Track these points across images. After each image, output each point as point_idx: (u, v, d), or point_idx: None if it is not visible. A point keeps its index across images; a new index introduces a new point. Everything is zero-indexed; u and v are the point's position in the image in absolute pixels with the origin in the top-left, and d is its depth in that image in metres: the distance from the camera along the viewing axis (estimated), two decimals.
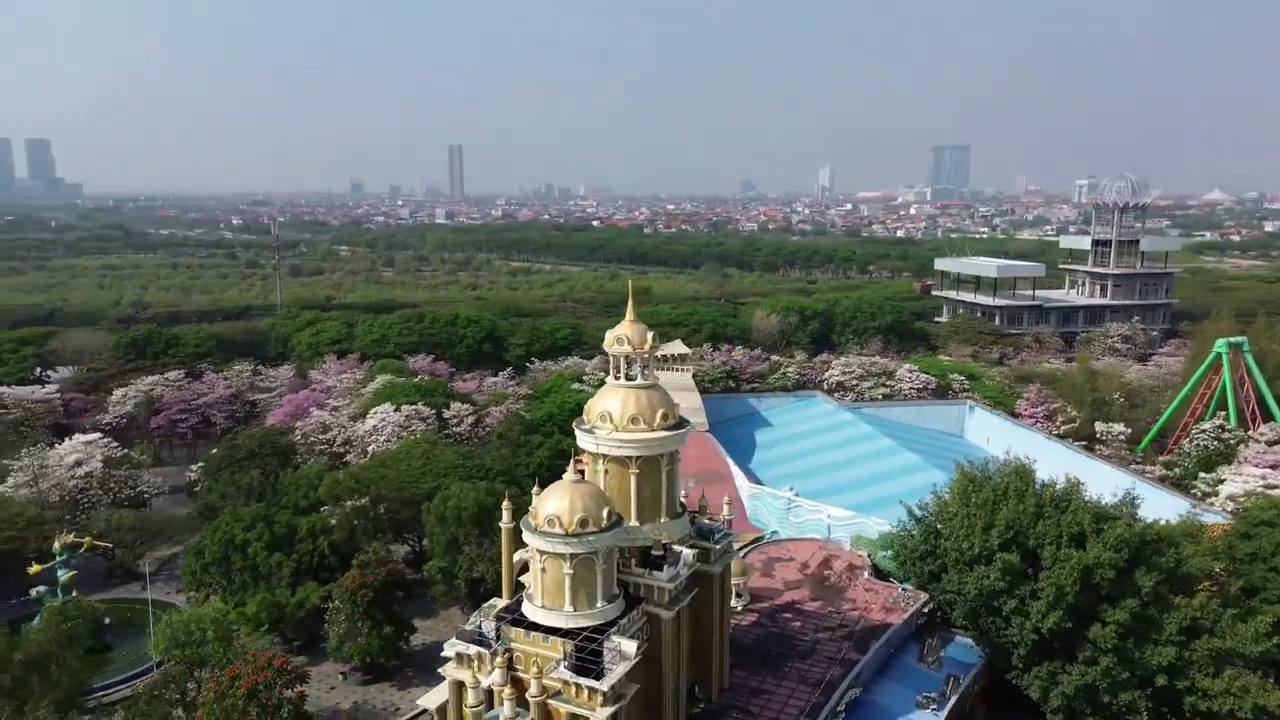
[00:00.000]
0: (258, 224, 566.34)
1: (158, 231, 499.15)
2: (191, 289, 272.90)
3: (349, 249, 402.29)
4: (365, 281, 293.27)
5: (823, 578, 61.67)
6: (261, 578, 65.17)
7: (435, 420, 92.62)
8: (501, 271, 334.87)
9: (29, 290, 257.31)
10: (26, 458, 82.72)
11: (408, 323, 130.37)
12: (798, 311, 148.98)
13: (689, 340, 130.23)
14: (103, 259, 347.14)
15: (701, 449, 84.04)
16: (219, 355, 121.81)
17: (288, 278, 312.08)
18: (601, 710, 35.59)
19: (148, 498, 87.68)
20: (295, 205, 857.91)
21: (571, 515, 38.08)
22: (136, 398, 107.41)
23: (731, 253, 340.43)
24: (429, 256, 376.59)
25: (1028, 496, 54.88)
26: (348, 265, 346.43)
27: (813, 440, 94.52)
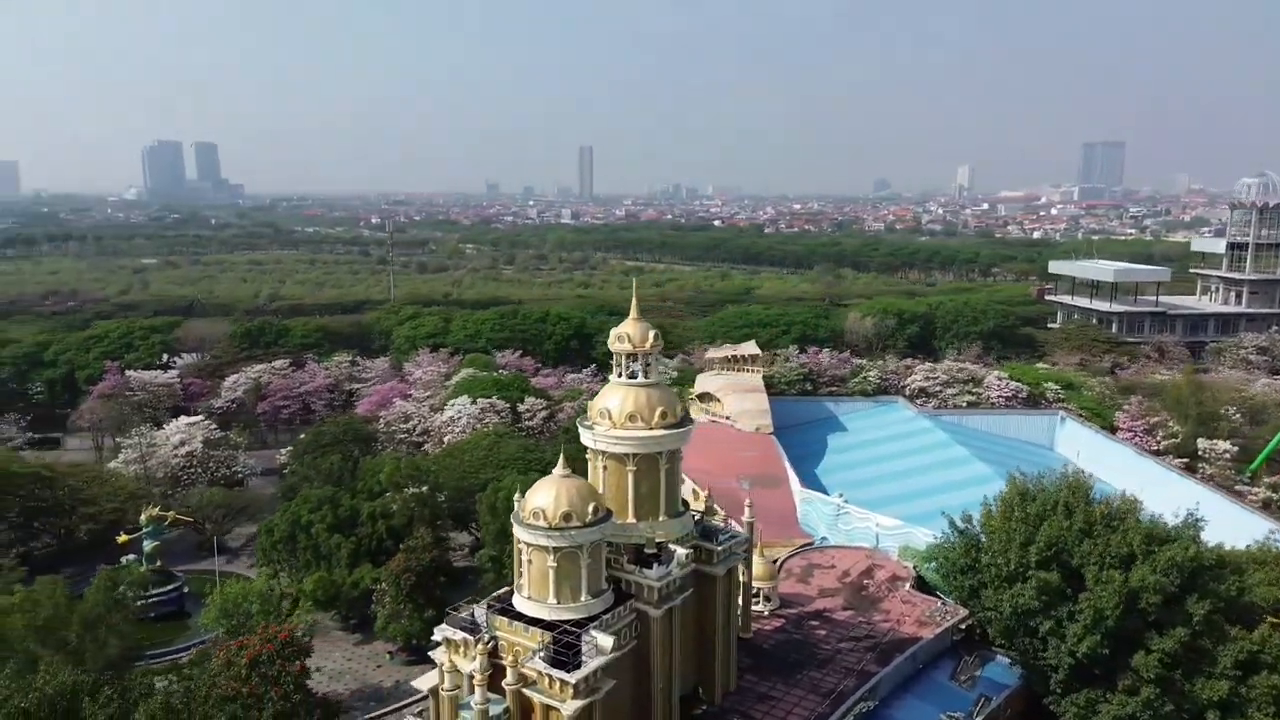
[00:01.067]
0: (395, 223, 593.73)
1: (303, 229, 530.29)
2: (325, 283, 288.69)
3: (474, 247, 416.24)
4: (484, 279, 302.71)
5: (860, 587, 60.12)
6: (323, 557, 68.83)
7: (510, 414, 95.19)
8: (615, 270, 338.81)
9: (181, 283, 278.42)
10: (136, 437, 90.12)
11: (501, 319, 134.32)
12: (895, 314, 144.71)
13: (776, 342, 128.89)
14: (250, 255, 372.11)
15: (762, 451, 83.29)
16: (325, 346, 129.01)
17: (414, 274, 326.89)
18: (571, 703, 36.11)
19: (242, 477, 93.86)
20: (432, 205, 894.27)
21: (556, 509, 38.77)
22: (246, 384, 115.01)
23: (848, 253, 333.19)
24: (548, 255, 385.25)
25: (1077, 512, 51.97)
26: (471, 263, 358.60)
27: (885, 447, 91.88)
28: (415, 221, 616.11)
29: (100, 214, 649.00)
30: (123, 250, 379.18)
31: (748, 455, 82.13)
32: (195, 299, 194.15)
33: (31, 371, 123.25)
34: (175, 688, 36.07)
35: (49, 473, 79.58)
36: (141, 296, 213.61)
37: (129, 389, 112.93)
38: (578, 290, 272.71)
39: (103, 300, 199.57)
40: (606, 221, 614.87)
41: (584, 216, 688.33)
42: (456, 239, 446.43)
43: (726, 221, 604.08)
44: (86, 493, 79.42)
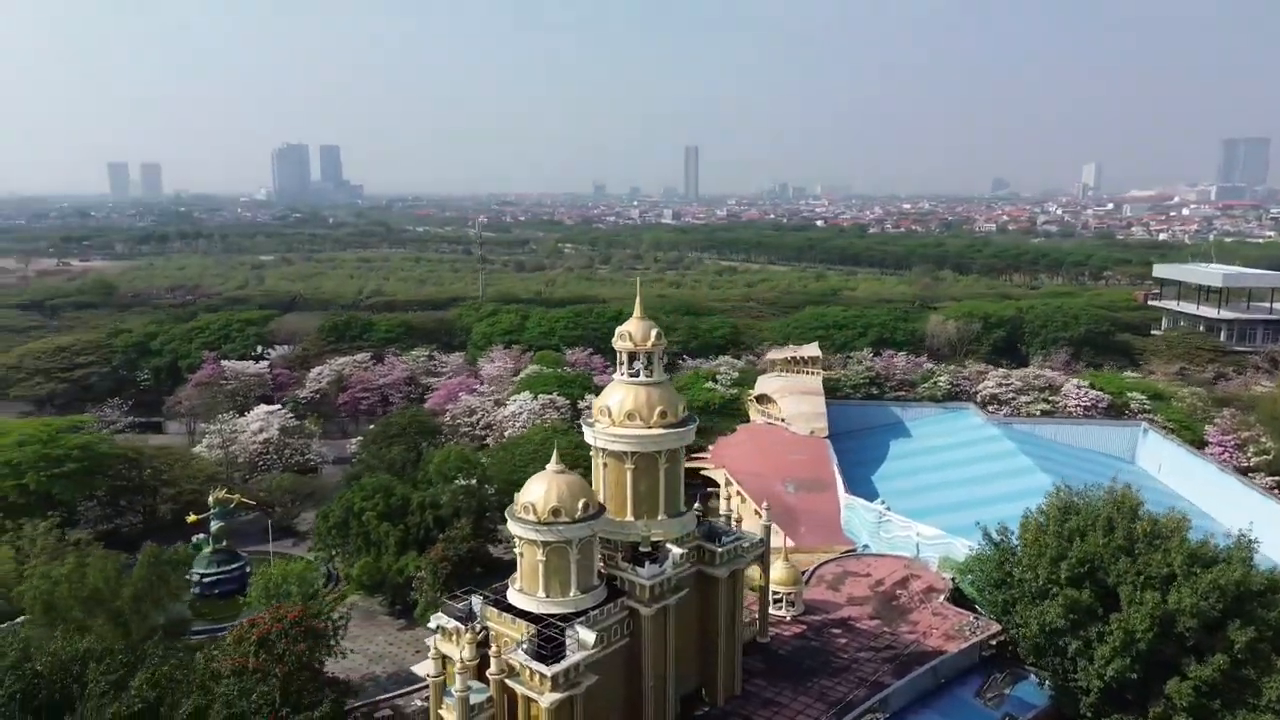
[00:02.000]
0: (499, 222, 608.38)
1: (413, 229, 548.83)
2: (427, 281, 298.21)
3: (573, 247, 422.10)
4: (577, 278, 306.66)
5: (892, 597, 58.60)
6: (372, 544, 71.33)
7: (570, 410, 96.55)
8: (709, 270, 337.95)
9: (293, 279, 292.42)
10: (219, 423, 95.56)
11: (575, 317, 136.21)
12: (981, 317, 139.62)
13: (852, 345, 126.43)
14: (360, 253, 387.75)
15: (813, 455, 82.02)
16: (406, 341, 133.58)
17: (512, 272, 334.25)
18: (549, 695, 36.65)
19: (315, 464, 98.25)
20: (540, 206, 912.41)
21: (545, 504, 39.41)
22: (330, 376, 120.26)
23: (950, 254, 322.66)
24: (643, 255, 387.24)
25: (1119, 528, 49.39)
26: (567, 262, 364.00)
27: (948, 454, 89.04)
28: (520, 221, 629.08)
29: (230, 213, 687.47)
30: (245, 247, 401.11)
31: (797, 458, 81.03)
32: (298, 294, 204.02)
33: (140, 360, 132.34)
34: (179, 658, 38.28)
35: (135, 454, 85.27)
36: (250, 291, 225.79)
37: (223, 378, 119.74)
38: (668, 290, 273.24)
39: (215, 294, 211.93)
40: (706, 222, 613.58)
41: (685, 217, 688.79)
42: (556, 239, 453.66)
43: (830, 222, 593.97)
44: (169, 474, 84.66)
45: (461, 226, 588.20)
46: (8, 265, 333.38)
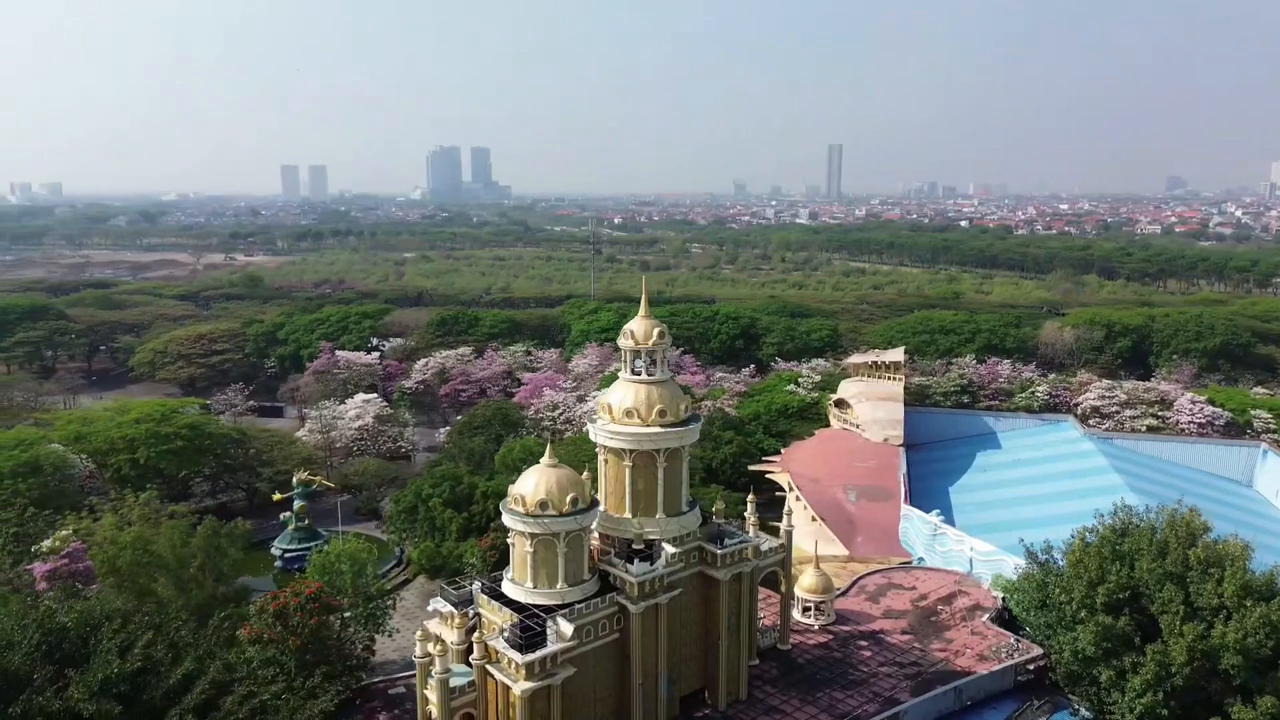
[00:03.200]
0: (633, 222, 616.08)
1: (551, 228, 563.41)
2: (553, 279, 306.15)
3: (700, 246, 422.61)
4: (699, 277, 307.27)
5: (932, 612, 56.37)
6: (436, 529, 74.52)
7: None
8: (835, 271, 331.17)
9: (429, 275, 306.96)
10: (321, 409, 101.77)
11: (671, 315, 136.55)
12: (1105, 325, 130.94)
13: (957, 350, 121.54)
14: (495, 250, 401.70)
15: (882, 462, 79.57)
16: (510, 337, 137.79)
17: (637, 271, 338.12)
18: (523, 683, 37.53)
19: (406, 451, 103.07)
20: (678, 205, 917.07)
21: (534, 496, 40.33)
22: (434, 369, 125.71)
23: (1097, 257, 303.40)
24: (770, 255, 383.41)
25: (1173, 553, 45.95)
26: (692, 262, 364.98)
27: (1035, 469, 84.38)
28: (653, 221, 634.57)
29: (384, 212, 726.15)
30: (391, 244, 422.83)
31: (864, 466, 78.82)
32: (425, 290, 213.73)
33: (269, 348, 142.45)
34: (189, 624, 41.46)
35: (239, 435, 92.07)
36: (385, 286, 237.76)
37: (337, 367, 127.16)
38: (790, 290, 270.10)
39: (351, 288, 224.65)
40: (842, 222, 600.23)
41: (823, 217, 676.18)
42: (685, 238, 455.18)
43: (976, 222, 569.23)
44: (268, 455, 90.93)
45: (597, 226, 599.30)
46: (182, 259, 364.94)
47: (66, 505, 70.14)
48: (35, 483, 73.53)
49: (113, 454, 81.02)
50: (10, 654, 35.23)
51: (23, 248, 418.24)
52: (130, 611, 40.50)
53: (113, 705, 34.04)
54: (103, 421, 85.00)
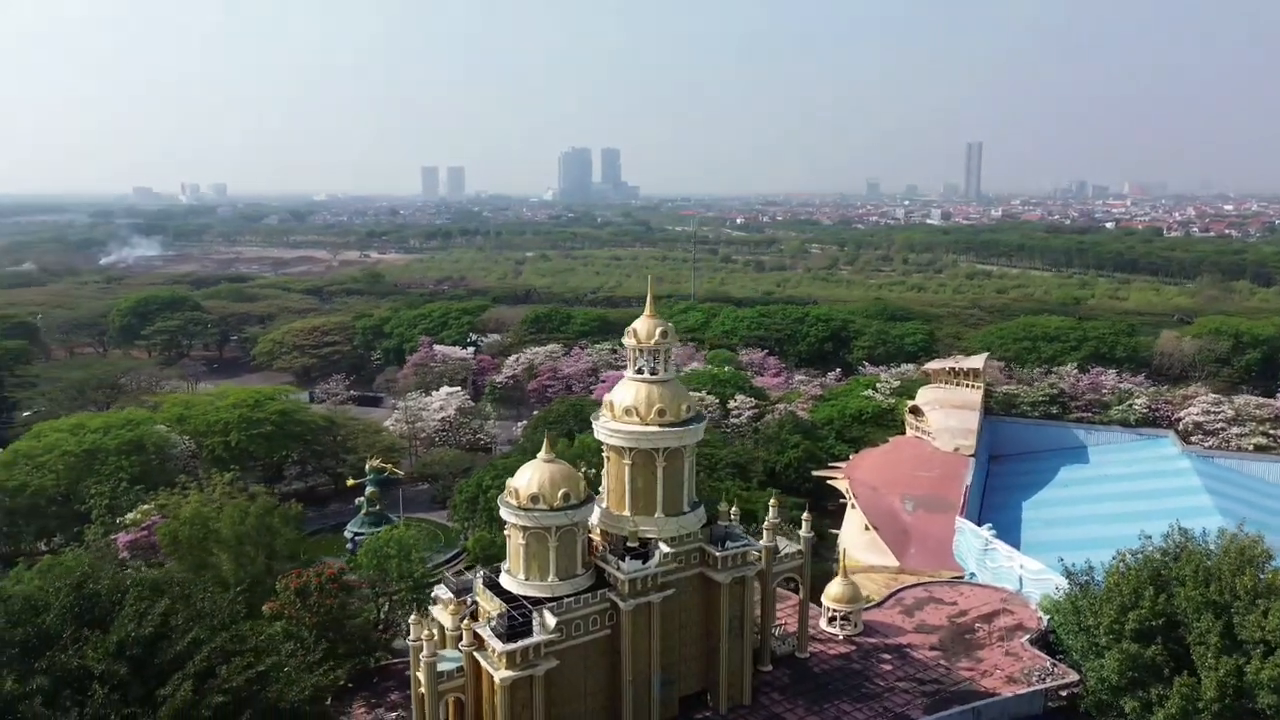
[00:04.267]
0: (755, 222, 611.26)
1: (671, 228, 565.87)
2: (665, 278, 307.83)
3: (820, 247, 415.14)
4: (812, 279, 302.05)
5: (968, 630, 54.01)
6: (494, 519, 76.68)
7: (719, 409, 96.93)
8: (958, 274, 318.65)
9: (545, 274, 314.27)
10: (408, 400, 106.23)
11: (760, 316, 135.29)
12: (1232, 336, 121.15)
13: (1060, 359, 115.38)
14: (613, 250, 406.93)
15: (947, 473, 76.52)
16: (599, 334, 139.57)
17: (751, 272, 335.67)
18: (504, 671, 38.44)
19: (485, 444, 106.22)
20: (805, 205, 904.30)
21: (526, 490, 41.19)
22: (524, 364, 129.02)
23: (1250, 262, 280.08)
24: (893, 256, 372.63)
25: (1220, 581, 42.70)
26: (809, 262, 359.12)
27: (1121, 486, 79.21)
28: (776, 221, 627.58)
29: (514, 213, 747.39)
30: (515, 244, 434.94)
31: (927, 475, 76.02)
32: (534, 288, 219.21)
33: (375, 341, 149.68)
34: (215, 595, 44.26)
35: (327, 423, 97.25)
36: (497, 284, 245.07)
37: (434, 361, 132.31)
38: (907, 293, 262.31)
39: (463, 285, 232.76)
40: (974, 223, 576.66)
41: (956, 217, 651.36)
42: (804, 239, 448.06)
43: (1123, 224, 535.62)
44: (353, 442, 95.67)
45: (719, 226, 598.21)
46: (321, 256, 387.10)
47: (163, 482, 75.92)
48: (137, 460, 79.82)
49: (208, 436, 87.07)
50: (44, 614, 38.63)
51: (184, 244, 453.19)
52: (161, 580, 43.59)
53: (122, 666, 36.76)
54: (202, 405, 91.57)
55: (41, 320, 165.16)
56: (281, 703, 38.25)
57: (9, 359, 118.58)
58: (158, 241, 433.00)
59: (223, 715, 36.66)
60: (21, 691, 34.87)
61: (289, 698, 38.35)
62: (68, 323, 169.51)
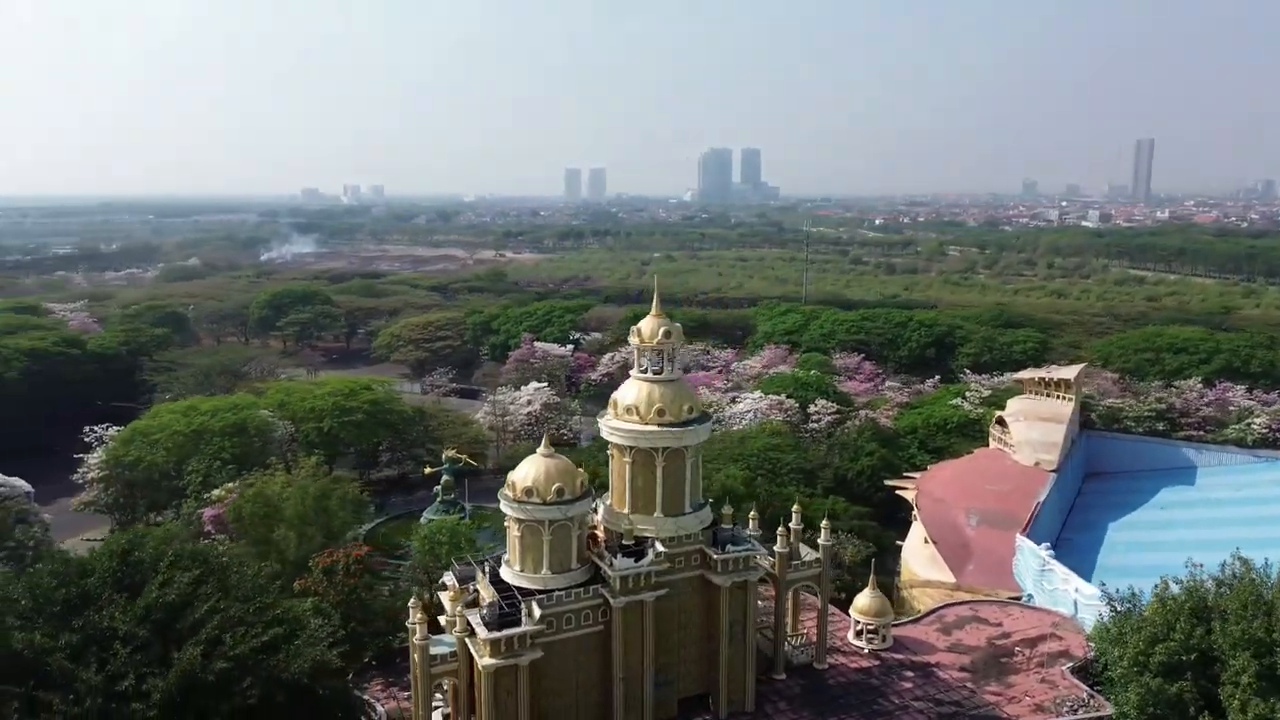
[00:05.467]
0: (893, 223, 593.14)
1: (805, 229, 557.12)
2: (789, 279, 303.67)
3: (959, 249, 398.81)
4: (943, 282, 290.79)
5: (1006, 653, 51.20)
6: None
7: (799, 413, 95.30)
8: (1108, 279, 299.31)
9: (667, 274, 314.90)
10: (497, 394, 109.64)
11: (861, 320, 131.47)
12: None
13: (1186, 372, 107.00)
14: (740, 251, 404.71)
15: (1020, 487, 72.47)
16: (696, 335, 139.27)
17: (881, 274, 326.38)
18: (487, 659, 39.47)
19: (570, 439, 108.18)
20: (953, 206, 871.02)
21: (522, 483, 42.12)
22: (618, 362, 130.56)
23: None
24: (1036, 260, 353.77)
25: (1267, 616, 39.16)
26: (945, 265, 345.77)
27: (1225, 511, 72.88)
28: (917, 223, 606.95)
29: (649, 214, 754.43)
30: (644, 244, 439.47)
31: (998, 490, 72.23)
32: (646, 288, 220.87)
33: (483, 337, 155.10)
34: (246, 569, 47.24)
35: (418, 414, 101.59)
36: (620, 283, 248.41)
37: (534, 357, 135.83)
38: (1046, 298, 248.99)
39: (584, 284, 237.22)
40: (1136, 225, 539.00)
41: (1117, 219, 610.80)
42: (943, 240, 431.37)
43: None
44: (442, 433, 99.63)
45: (855, 227, 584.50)
46: (458, 255, 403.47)
47: (259, 463, 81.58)
48: (239, 441, 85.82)
49: (305, 422, 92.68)
50: (87, 578, 42.42)
51: (337, 242, 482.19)
52: (199, 552, 46.94)
53: (145, 629, 39.90)
54: (301, 392, 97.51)
55: (192, 311, 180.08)
56: (284, 674, 40.55)
57: (151, 345, 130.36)
58: (313, 239, 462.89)
59: (226, 680, 39.25)
60: (51, 645, 38.43)
61: (290, 669, 40.60)
62: (215, 314, 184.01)
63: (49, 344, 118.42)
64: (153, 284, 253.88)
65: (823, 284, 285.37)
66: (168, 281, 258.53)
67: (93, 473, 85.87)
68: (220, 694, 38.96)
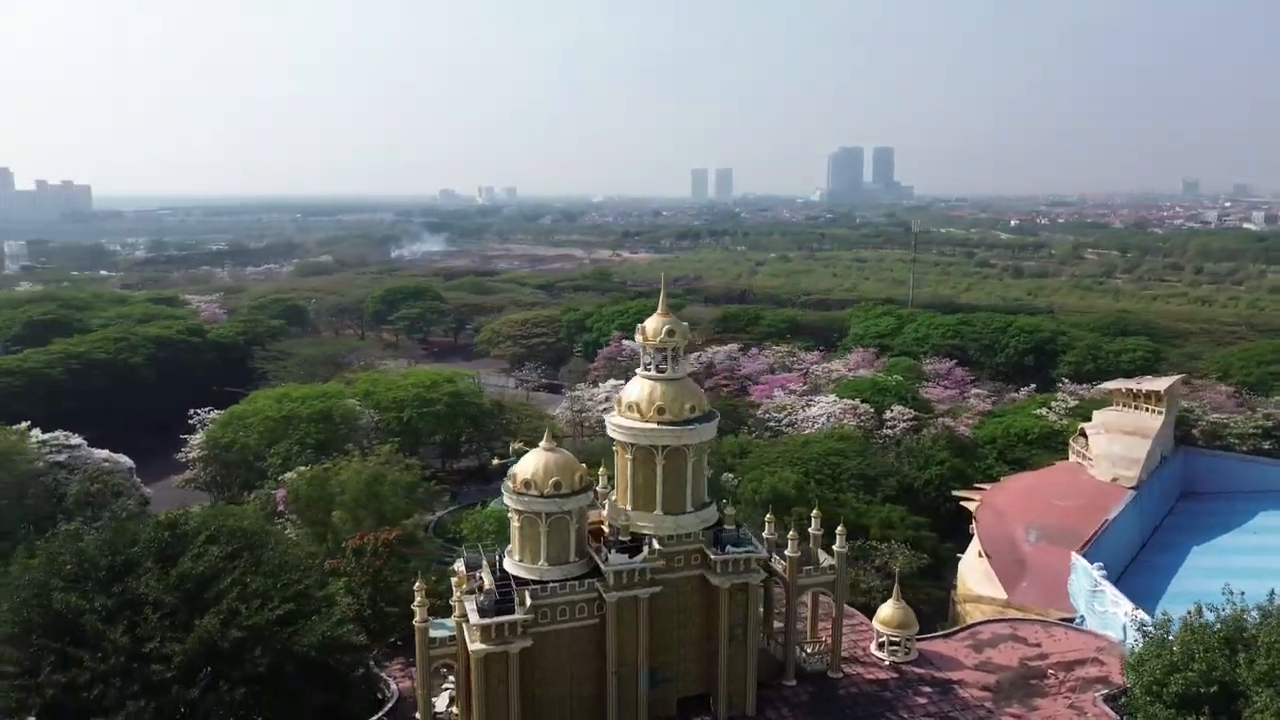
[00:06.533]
0: (1030, 224, 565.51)
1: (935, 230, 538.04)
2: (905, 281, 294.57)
3: (1096, 252, 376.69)
4: (1074, 286, 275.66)
5: (1037, 676, 48.64)
6: None
7: (874, 419, 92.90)
8: (1263, 286, 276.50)
9: (780, 274, 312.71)
10: (577, 390, 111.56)
11: (958, 325, 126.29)
12: None
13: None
14: (859, 252, 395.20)
15: (1092, 503, 68.38)
16: (787, 336, 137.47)
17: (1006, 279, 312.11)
18: (477, 644, 40.65)
19: None
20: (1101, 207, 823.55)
21: (521, 475, 43.14)
22: (704, 362, 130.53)
23: None
24: (1185, 265, 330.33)
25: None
26: (1078, 269, 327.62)
27: None
28: (1056, 224, 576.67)
29: (773, 214, 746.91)
30: (762, 245, 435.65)
31: (1066, 504, 68.38)
32: (750, 288, 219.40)
33: (577, 334, 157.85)
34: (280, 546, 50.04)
35: (497, 407, 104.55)
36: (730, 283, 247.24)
37: (621, 355, 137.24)
38: (1188, 305, 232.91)
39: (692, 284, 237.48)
40: None
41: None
42: (1079, 243, 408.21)
43: None
44: (517, 427, 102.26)
45: (989, 229, 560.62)
46: (577, 254, 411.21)
47: (340, 450, 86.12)
48: (323, 428, 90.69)
49: (387, 411, 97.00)
50: (133, 548, 46.06)
51: (464, 241, 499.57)
52: (238, 528, 50.09)
53: (175, 597, 43.02)
54: (386, 383, 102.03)
55: (313, 304, 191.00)
56: (296, 646, 42.93)
57: (265, 335, 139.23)
58: (442, 238, 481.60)
59: (240, 649, 41.84)
60: (87, 607, 41.97)
61: (301, 643, 42.94)
62: (334, 307, 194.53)
63: (173, 332, 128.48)
64: (287, 278, 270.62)
65: (940, 287, 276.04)
66: (301, 276, 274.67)
67: (194, 453, 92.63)
68: (235, 661, 41.46)
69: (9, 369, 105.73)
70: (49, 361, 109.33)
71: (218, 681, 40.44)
